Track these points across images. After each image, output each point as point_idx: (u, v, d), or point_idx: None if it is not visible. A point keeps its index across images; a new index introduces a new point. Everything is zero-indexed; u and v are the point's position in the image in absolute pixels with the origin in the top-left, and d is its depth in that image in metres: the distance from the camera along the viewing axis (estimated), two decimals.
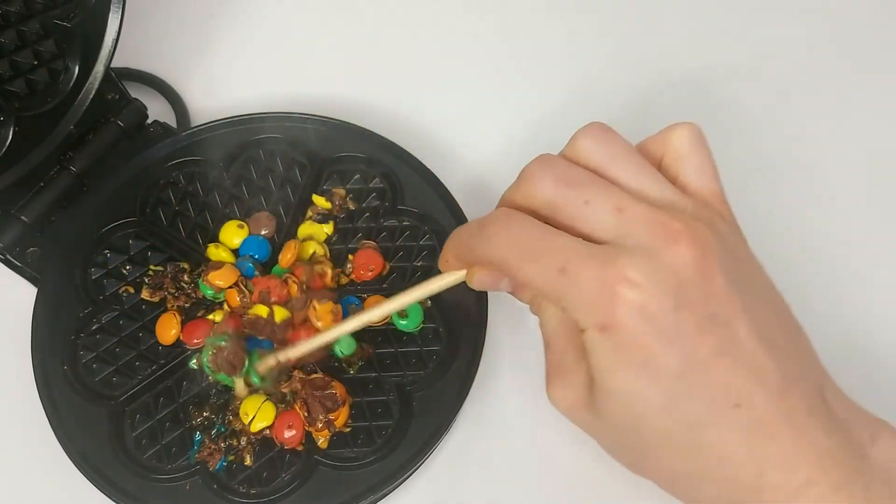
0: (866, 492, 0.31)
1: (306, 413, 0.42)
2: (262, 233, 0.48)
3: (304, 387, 0.43)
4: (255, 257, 0.47)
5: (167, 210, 0.49)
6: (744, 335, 0.30)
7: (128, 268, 0.47)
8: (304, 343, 0.41)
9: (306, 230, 0.48)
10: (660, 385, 0.30)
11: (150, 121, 0.52)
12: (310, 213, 0.49)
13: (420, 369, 0.45)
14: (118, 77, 0.50)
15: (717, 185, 0.34)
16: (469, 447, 0.45)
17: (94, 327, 0.46)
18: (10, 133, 0.44)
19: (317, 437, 0.43)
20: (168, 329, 0.45)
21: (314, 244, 0.47)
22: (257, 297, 0.45)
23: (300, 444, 0.43)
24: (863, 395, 0.35)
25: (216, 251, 0.47)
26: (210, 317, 0.46)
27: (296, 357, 0.41)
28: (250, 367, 0.43)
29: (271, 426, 0.43)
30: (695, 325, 0.30)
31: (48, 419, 0.43)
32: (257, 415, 0.43)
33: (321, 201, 0.48)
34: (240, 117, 0.51)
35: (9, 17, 0.44)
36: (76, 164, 0.48)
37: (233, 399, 0.44)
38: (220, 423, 0.44)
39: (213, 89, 0.56)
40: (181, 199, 0.49)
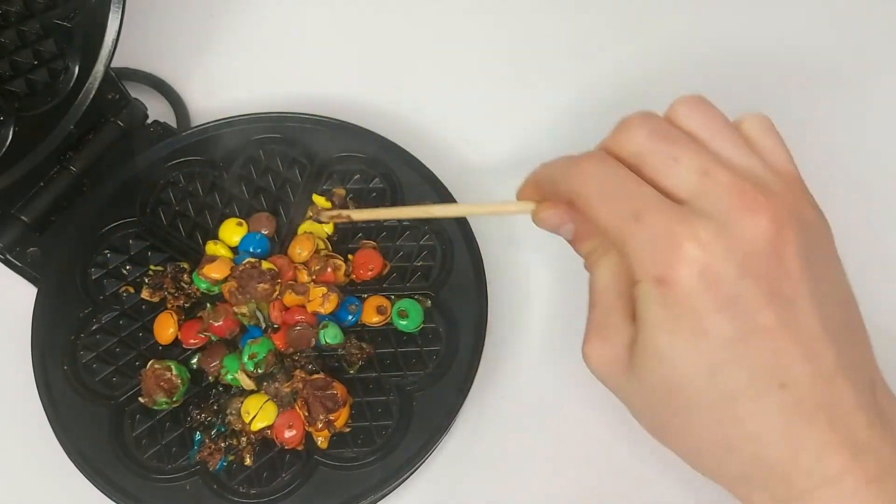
0: None
1: (307, 413, 0.42)
2: (263, 232, 0.48)
3: (306, 386, 0.43)
4: (256, 252, 0.47)
5: (167, 210, 0.49)
6: (804, 317, 0.30)
7: (128, 268, 0.47)
8: (366, 211, 0.44)
9: (306, 230, 0.48)
10: (706, 349, 0.30)
11: (150, 121, 0.52)
12: (310, 212, 0.49)
13: (420, 369, 0.45)
14: (118, 77, 0.50)
15: (794, 167, 0.34)
16: (469, 447, 0.45)
17: (94, 327, 0.46)
18: (10, 133, 0.44)
19: (317, 437, 0.43)
20: (166, 328, 0.45)
21: (318, 240, 0.47)
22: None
23: (300, 444, 0.43)
24: None
25: (214, 248, 0.47)
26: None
27: (357, 217, 0.43)
28: (248, 359, 0.43)
29: (272, 426, 0.43)
30: (755, 297, 0.29)
31: (48, 419, 0.43)
32: (258, 414, 0.43)
33: (321, 201, 0.48)
34: (240, 117, 0.51)
35: (9, 17, 0.44)
36: (76, 164, 0.48)
37: (233, 400, 0.44)
38: (220, 423, 0.44)
39: (213, 89, 0.56)
40: (181, 199, 0.49)
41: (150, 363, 0.44)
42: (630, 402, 0.34)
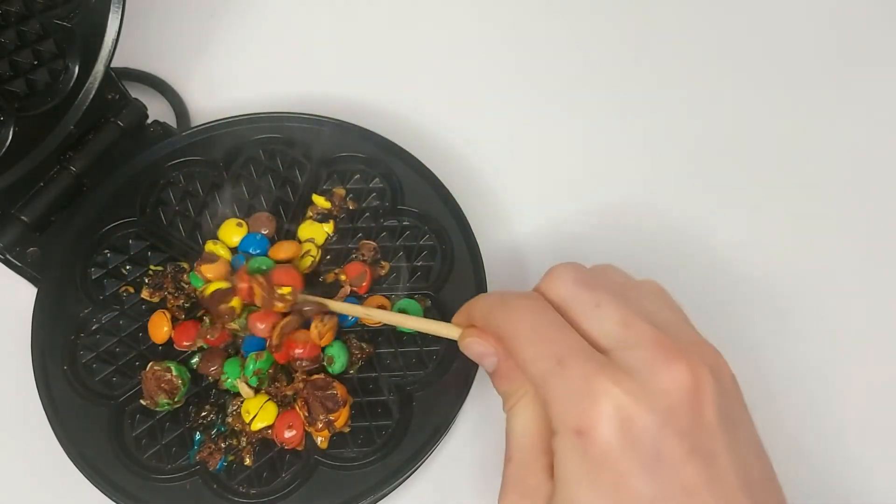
0: None
1: (307, 413, 0.42)
2: (263, 232, 0.48)
3: (306, 387, 0.43)
4: (254, 253, 0.47)
5: (167, 210, 0.49)
6: (724, 472, 0.30)
7: (128, 268, 0.47)
8: (340, 304, 0.43)
9: (306, 230, 0.48)
10: None
11: (150, 121, 0.52)
12: (310, 213, 0.49)
13: (420, 369, 0.45)
14: (118, 77, 0.50)
15: (690, 324, 0.35)
16: (469, 447, 0.45)
17: (94, 327, 0.46)
18: (10, 133, 0.44)
19: (317, 437, 0.43)
20: (160, 327, 0.45)
21: (310, 245, 0.47)
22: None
23: (300, 444, 0.43)
24: None
25: (214, 248, 0.47)
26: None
27: (326, 309, 0.43)
28: (248, 368, 0.43)
29: (272, 426, 0.43)
30: (677, 453, 0.30)
31: (48, 419, 0.43)
32: (258, 414, 0.43)
33: (321, 201, 0.48)
34: (240, 117, 0.51)
35: (9, 17, 0.44)
36: (76, 164, 0.48)
37: (233, 400, 0.44)
38: (220, 423, 0.44)
39: (213, 89, 0.56)
40: (181, 199, 0.49)
41: (149, 365, 0.44)
42: None
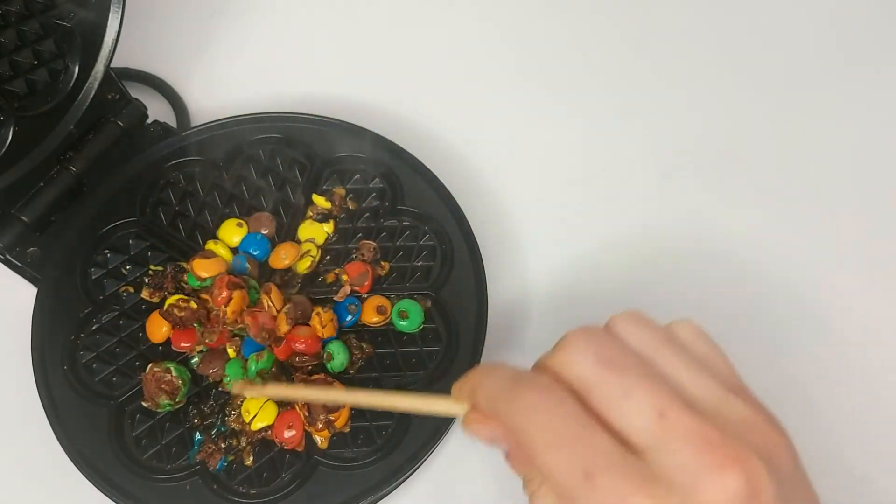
0: None
1: (307, 413, 0.42)
2: (263, 232, 0.48)
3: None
4: (254, 254, 0.47)
5: (167, 210, 0.49)
6: None
7: (128, 268, 0.47)
8: (297, 389, 0.41)
9: (306, 230, 0.48)
10: None
11: (150, 121, 0.52)
12: (310, 212, 0.49)
13: (420, 369, 0.45)
14: (118, 77, 0.50)
15: (735, 372, 0.31)
16: (469, 447, 0.45)
17: (94, 327, 0.46)
18: (10, 133, 0.44)
19: (317, 438, 0.43)
20: (159, 327, 0.45)
21: (310, 245, 0.47)
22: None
23: (300, 444, 0.43)
24: None
25: (214, 247, 0.47)
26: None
27: (281, 396, 0.42)
28: (251, 370, 0.43)
29: (272, 426, 0.43)
30: None
31: (48, 419, 0.43)
32: (258, 414, 0.43)
33: (321, 201, 0.48)
34: (240, 117, 0.51)
35: (9, 17, 0.44)
36: (76, 164, 0.48)
37: (232, 400, 0.44)
38: (220, 423, 0.44)
39: (213, 89, 0.56)
40: (181, 199, 0.49)
41: (148, 366, 0.44)
42: None
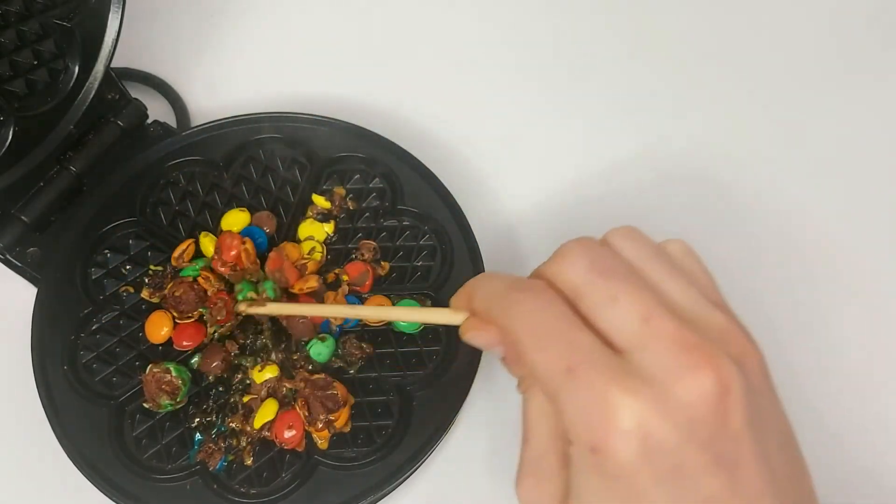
0: None
1: (307, 413, 0.42)
2: (264, 231, 0.48)
3: (307, 386, 0.43)
4: (258, 241, 0.47)
5: (167, 210, 0.49)
6: (749, 478, 0.28)
7: (128, 268, 0.47)
8: (299, 306, 0.43)
9: (306, 229, 0.48)
10: None
11: (150, 121, 0.52)
12: (310, 212, 0.49)
13: (420, 369, 0.45)
14: (118, 77, 0.50)
15: (717, 289, 0.33)
16: (469, 447, 0.45)
17: (94, 327, 0.46)
18: (10, 133, 0.44)
19: (317, 438, 0.43)
20: (159, 327, 0.45)
21: (314, 243, 0.47)
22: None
23: (300, 444, 0.43)
24: None
25: (204, 240, 0.47)
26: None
27: (284, 314, 0.44)
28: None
29: (272, 425, 0.43)
30: (699, 465, 0.28)
31: (48, 419, 0.43)
32: (260, 411, 0.43)
33: (321, 201, 0.48)
34: (240, 117, 0.51)
35: (9, 17, 0.44)
36: (76, 164, 0.48)
37: (233, 398, 0.44)
38: (220, 423, 0.44)
39: (213, 89, 0.56)
40: (181, 199, 0.49)
41: (148, 368, 0.44)
42: None
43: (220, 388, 0.45)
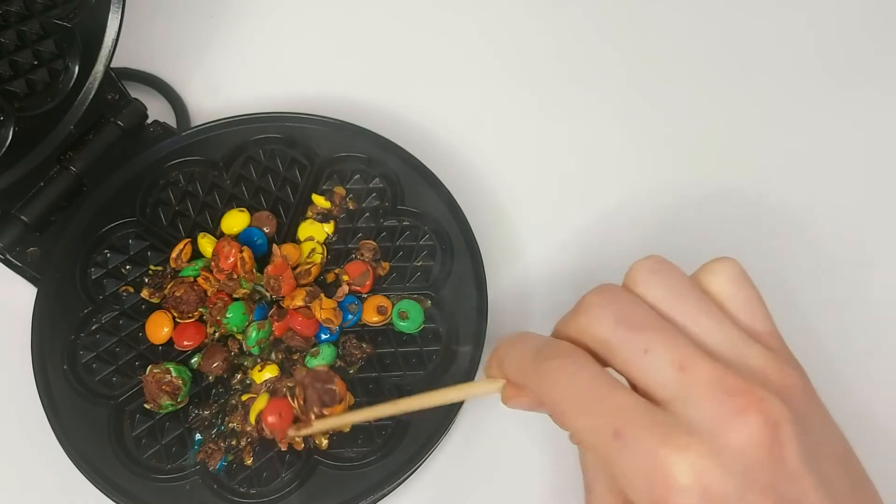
0: None
1: (302, 402, 0.42)
2: (263, 230, 0.48)
3: (307, 374, 0.42)
4: (258, 243, 0.47)
5: (167, 210, 0.49)
6: None
7: (128, 268, 0.47)
8: (343, 416, 0.40)
9: (306, 229, 0.48)
10: None
11: (150, 121, 0.52)
12: (310, 212, 0.49)
13: (420, 369, 0.45)
14: (118, 77, 0.50)
15: (771, 322, 0.32)
16: (469, 448, 0.45)
17: (94, 327, 0.46)
18: (10, 133, 0.44)
19: (317, 439, 0.43)
20: (160, 328, 0.45)
21: (314, 244, 0.47)
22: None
23: (282, 433, 0.42)
24: None
25: (202, 241, 0.47)
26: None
27: (334, 426, 0.42)
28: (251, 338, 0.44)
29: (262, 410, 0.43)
30: None
31: (48, 419, 0.43)
32: (258, 400, 0.43)
33: (321, 201, 0.48)
34: (240, 117, 0.51)
35: (9, 17, 0.44)
36: (76, 164, 0.48)
37: (233, 397, 0.44)
38: (220, 423, 0.44)
39: (213, 89, 0.56)
40: (181, 199, 0.49)
41: (148, 368, 0.44)
42: None
43: (220, 387, 0.45)
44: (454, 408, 0.43)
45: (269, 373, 0.44)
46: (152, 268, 0.47)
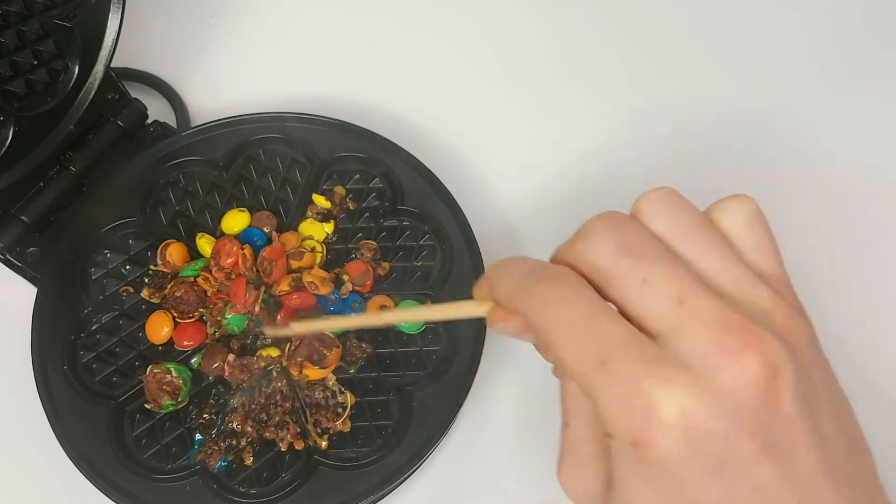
0: None
1: (293, 347, 0.43)
2: (264, 230, 0.48)
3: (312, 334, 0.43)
4: (257, 241, 0.47)
5: (167, 210, 0.49)
6: (803, 464, 0.26)
7: (128, 268, 0.47)
8: (323, 321, 0.42)
9: (306, 229, 0.48)
10: None
11: (150, 121, 0.52)
12: (310, 212, 0.49)
13: (420, 369, 0.45)
14: (118, 77, 0.50)
15: (780, 265, 0.30)
16: (469, 447, 0.45)
17: (94, 327, 0.46)
18: (10, 133, 0.44)
19: (317, 440, 0.43)
20: (160, 328, 0.45)
21: (313, 242, 0.47)
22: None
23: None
24: None
25: (201, 242, 0.47)
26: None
27: (309, 331, 0.43)
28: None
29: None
30: (747, 455, 0.26)
31: (48, 419, 0.43)
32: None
33: (321, 201, 0.48)
34: (240, 117, 0.51)
35: (9, 17, 0.44)
36: (76, 164, 0.48)
37: (233, 397, 0.44)
38: (220, 423, 0.44)
39: (213, 89, 0.56)
40: (181, 199, 0.49)
41: (148, 369, 0.44)
42: None
43: (221, 387, 0.45)
44: (454, 408, 0.43)
45: (272, 353, 0.44)
46: (152, 268, 0.47)
